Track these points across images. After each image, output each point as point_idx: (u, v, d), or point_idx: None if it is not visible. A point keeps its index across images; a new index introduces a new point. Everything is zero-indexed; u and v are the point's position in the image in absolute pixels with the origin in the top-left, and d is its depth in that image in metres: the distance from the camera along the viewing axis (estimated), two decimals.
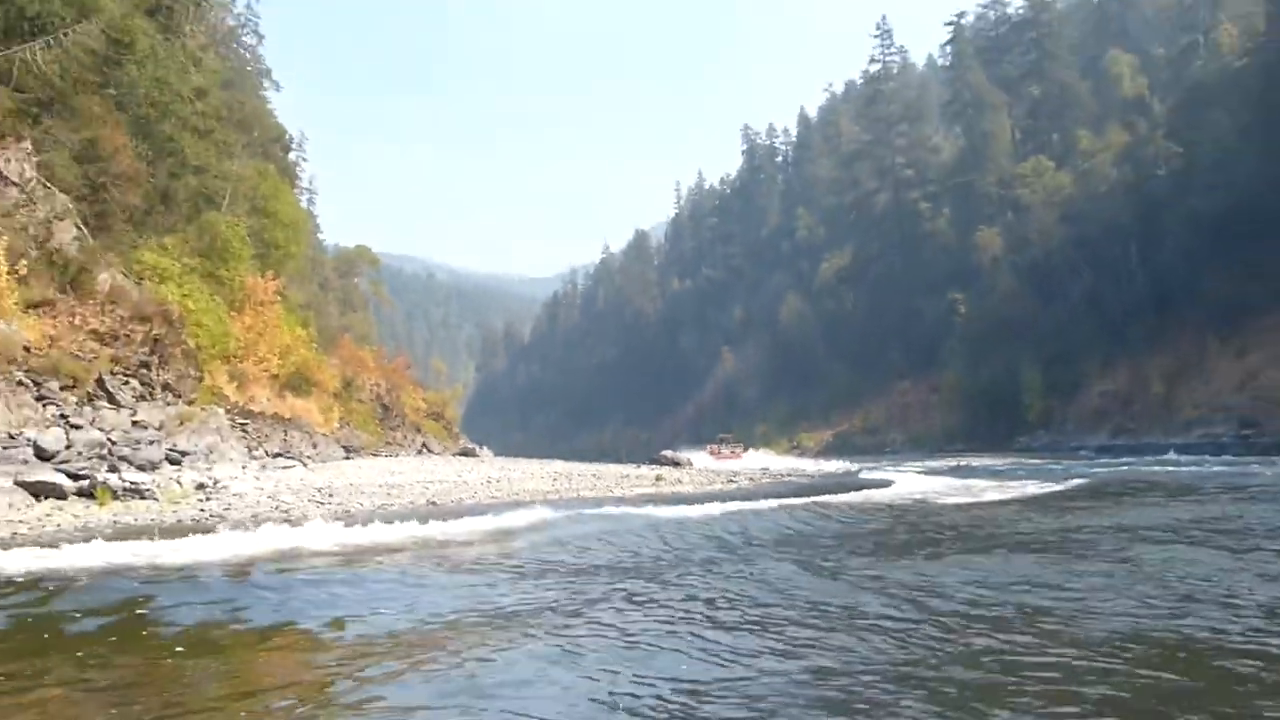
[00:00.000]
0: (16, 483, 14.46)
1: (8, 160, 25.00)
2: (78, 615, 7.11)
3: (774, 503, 18.37)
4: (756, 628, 7.15)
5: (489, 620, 7.56)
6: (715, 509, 16.83)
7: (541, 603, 8.34)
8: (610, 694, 5.28)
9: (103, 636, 6.68)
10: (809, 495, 21.07)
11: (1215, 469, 30.25)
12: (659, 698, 5.22)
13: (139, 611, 7.44)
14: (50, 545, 10.20)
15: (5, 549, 9.97)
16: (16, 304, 21.42)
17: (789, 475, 33.47)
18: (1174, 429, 53.12)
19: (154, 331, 25.31)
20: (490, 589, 9.17)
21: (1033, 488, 23.17)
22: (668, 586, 8.87)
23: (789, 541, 12.48)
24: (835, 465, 46.14)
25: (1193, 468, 31.69)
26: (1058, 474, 30.31)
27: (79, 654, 6.13)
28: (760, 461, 51.96)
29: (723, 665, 5.97)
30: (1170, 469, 32.20)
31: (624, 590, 8.63)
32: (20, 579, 8.30)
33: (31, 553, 9.66)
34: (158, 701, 5.20)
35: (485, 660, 6.03)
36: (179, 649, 6.36)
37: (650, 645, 6.49)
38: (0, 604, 7.36)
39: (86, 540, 10.62)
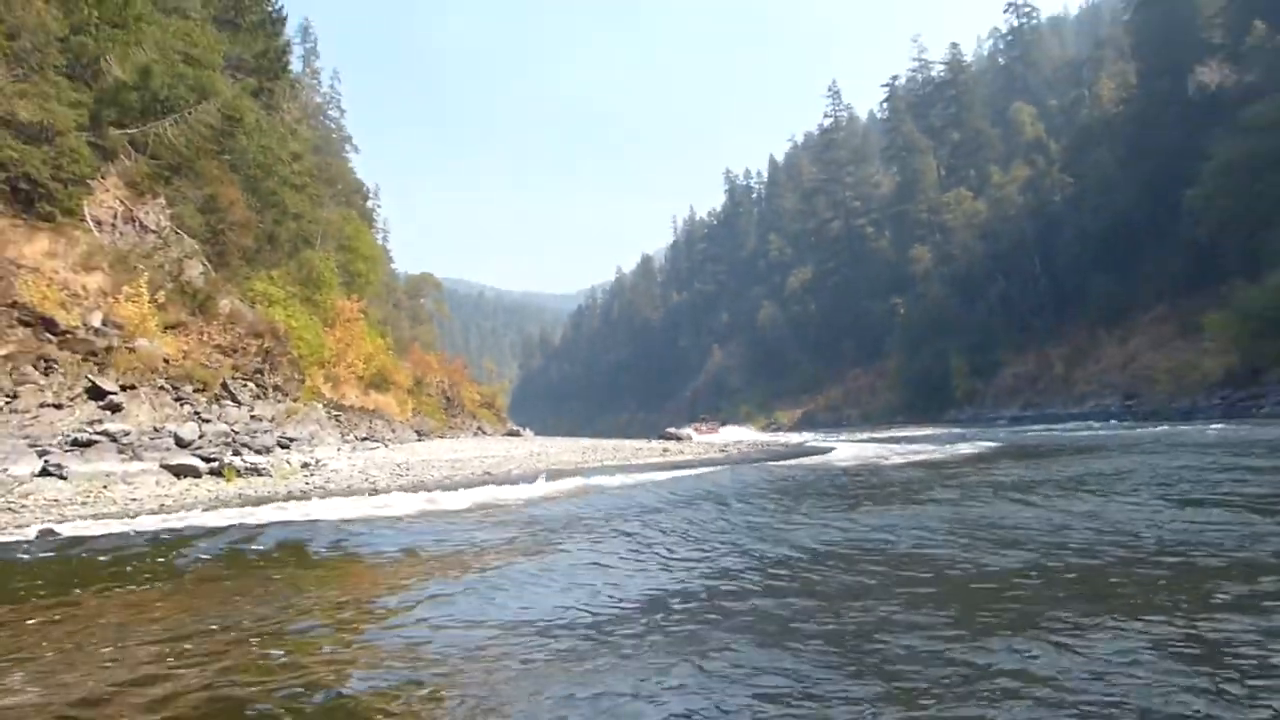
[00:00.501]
0: (162, 466, 14.65)
1: (147, 212, 25.18)
2: (252, 547, 8.26)
3: (747, 467, 19.08)
4: (711, 542, 8.13)
5: (528, 541, 8.49)
6: (705, 471, 17.85)
7: (560, 529, 9.30)
8: (592, 583, 6.22)
9: (266, 559, 7.83)
10: (772, 460, 22.27)
11: (1102, 431, 30.35)
12: (627, 577, 6.43)
13: (285, 544, 8.49)
14: (210, 508, 11.34)
15: (187, 510, 11.29)
16: (157, 325, 21.55)
17: (760, 445, 33.50)
18: (1071, 401, 53.11)
19: (265, 344, 25.45)
20: (530, 524, 9.92)
21: (924, 454, 23.15)
22: (660, 523, 9.41)
23: (750, 492, 13.10)
24: (796, 437, 46.25)
25: (1085, 431, 31.75)
26: (962, 437, 30.67)
27: (258, 565, 7.48)
28: (736, 435, 51.88)
29: (686, 567, 6.88)
30: (1061, 432, 32.43)
31: (628, 527, 9.17)
32: (210, 528, 9.41)
33: (203, 514, 10.67)
34: (297, 590, 6.47)
35: (510, 566, 7.02)
36: (307, 566, 7.68)
37: (632, 555, 7.42)
38: (207, 542, 8.44)
39: (241, 505, 11.77)
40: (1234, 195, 41.14)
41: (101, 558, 7.72)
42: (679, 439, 37.73)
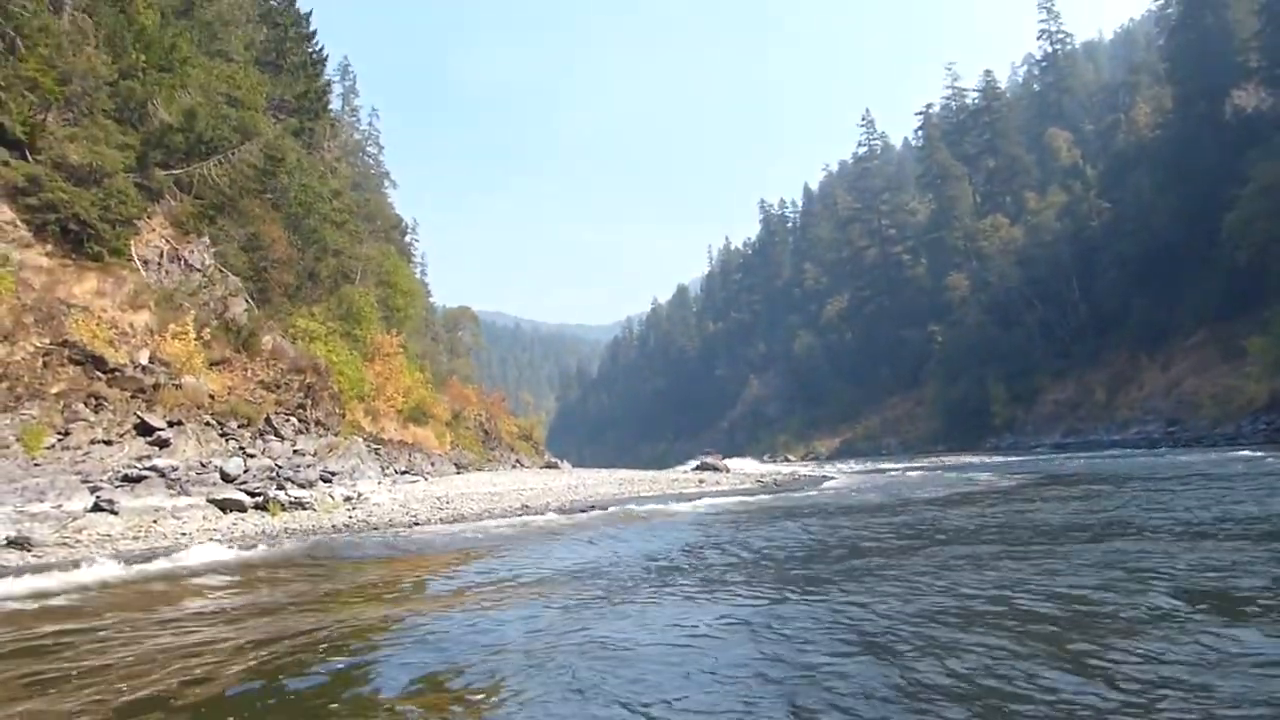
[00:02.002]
0: (209, 500, 14.95)
1: (192, 251, 25.74)
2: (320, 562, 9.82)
3: (766, 497, 20.91)
4: (721, 550, 9.18)
5: (558, 570, 8.60)
6: (729, 500, 19.76)
7: (589, 542, 10.67)
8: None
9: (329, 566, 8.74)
10: (783, 491, 23.55)
11: (1139, 459, 30.04)
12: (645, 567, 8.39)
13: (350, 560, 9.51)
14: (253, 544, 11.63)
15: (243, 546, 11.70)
16: (203, 362, 21.99)
17: (776, 476, 33.04)
18: (1114, 428, 52.46)
19: (307, 380, 25.82)
20: (555, 542, 11.41)
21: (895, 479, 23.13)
22: (679, 539, 11.57)
23: (761, 512, 15.17)
24: (804, 468, 45.47)
25: (1126, 458, 31.43)
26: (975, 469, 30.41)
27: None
28: (744, 467, 50.75)
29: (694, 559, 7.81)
30: (1098, 459, 32.07)
31: (642, 545, 11.08)
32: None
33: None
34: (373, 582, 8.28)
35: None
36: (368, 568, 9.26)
37: (659, 556, 9.27)
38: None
39: (290, 536, 12.75)
40: (1273, 218, 40.75)
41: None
42: (716, 469, 37.68)
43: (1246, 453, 26.66)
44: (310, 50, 40.52)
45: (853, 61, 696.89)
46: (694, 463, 47.88)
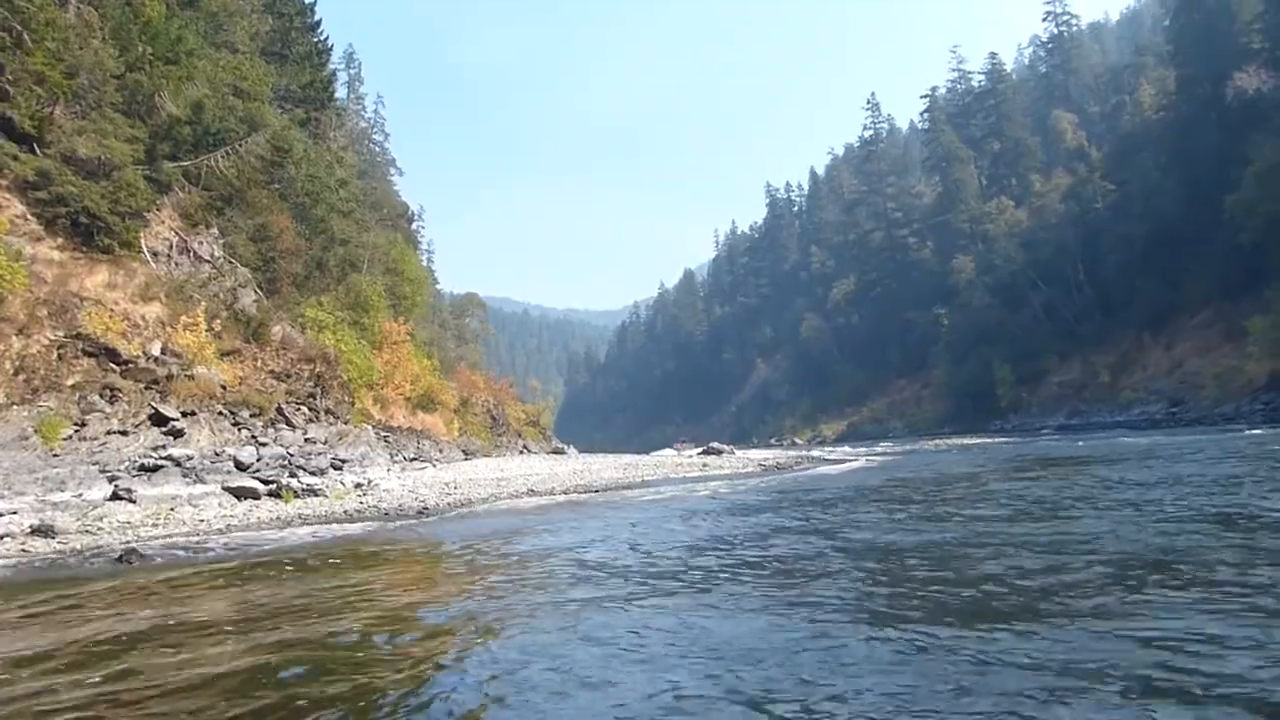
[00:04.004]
0: (224, 488, 15.30)
1: (201, 243, 26.05)
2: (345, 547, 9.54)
3: (755, 480, 21.38)
4: (714, 521, 9.56)
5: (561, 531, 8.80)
6: (723, 484, 20.21)
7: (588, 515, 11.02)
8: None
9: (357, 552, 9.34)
10: (782, 473, 24.13)
11: (1128, 440, 30.26)
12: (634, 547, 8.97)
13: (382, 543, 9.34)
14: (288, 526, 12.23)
15: (274, 528, 12.47)
16: (214, 353, 22.32)
17: (778, 460, 33.24)
18: (1118, 409, 52.62)
19: (317, 369, 26.14)
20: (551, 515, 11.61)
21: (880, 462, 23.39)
22: (675, 513, 12.58)
23: (751, 490, 15.80)
24: (789, 454, 45.33)
25: (1107, 441, 31.65)
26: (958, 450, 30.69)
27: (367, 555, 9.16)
28: (748, 455, 50.74)
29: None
30: (1099, 441, 32.30)
31: (636, 518, 12.07)
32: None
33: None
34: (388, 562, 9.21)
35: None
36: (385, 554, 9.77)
37: (646, 527, 9.99)
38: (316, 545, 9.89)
39: (313, 522, 13.29)
40: (1275, 199, 40.82)
41: None
42: (720, 453, 37.97)
43: (1215, 435, 27.23)
44: (315, 40, 40.73)
45: (858, 45, 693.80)
46: (668, 451, 48.29)
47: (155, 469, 15.70)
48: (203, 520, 12.63)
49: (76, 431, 16.32)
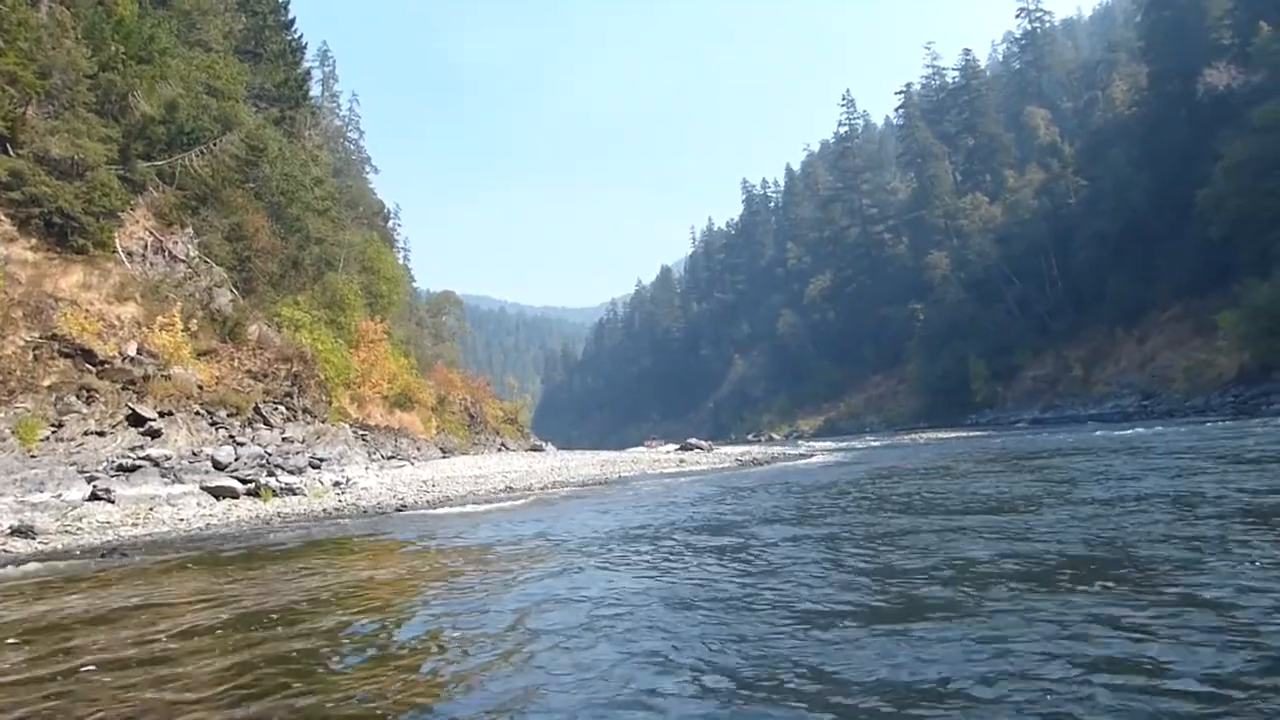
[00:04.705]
0: (202, 488, 15.37)
1: (176, 243, 26.02)
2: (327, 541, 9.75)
3: (731, 475, 21.65)
4: (683, 512, 9.32)
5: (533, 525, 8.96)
6: (700, 479, 19.99)
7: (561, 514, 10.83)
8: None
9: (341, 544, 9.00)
10: (747, 469, 24.44)
11: (1098, 433, 30.68)
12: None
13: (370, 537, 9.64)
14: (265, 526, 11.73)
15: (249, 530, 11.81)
16: (190, 353, 22.32)
17: (755, 455, 33.68)
18: (1090, 402, 53.28)
19: (294, 368, 26.13)
20: (530, 511, 11.27)
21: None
22: (644, 507, 12.21)
23: (720, 484, 15.58)
24: (766, 450, 45.56)
25: (1103, 431, 32.11)
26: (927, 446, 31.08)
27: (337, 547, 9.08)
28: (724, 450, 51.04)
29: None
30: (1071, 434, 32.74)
31: (604, 507, 12.23)
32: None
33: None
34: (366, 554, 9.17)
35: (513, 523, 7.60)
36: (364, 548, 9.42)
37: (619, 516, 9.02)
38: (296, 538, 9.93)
39: (293, 520, 13.44)
40: (1244, 195, 41.45)
41: None
42: (698, 449, 38.23)
43: (1167, 427, 27.72)
44: (289, 38, 40.65)
45: (835, 40, 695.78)
46: (639, 449, 48.57)
47: (133, 469, 15.75)
48: (182, 519, 12.73)
49: (54, 432, 16.35)
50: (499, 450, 45.90)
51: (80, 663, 5.01)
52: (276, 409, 23.64)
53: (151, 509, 13.32)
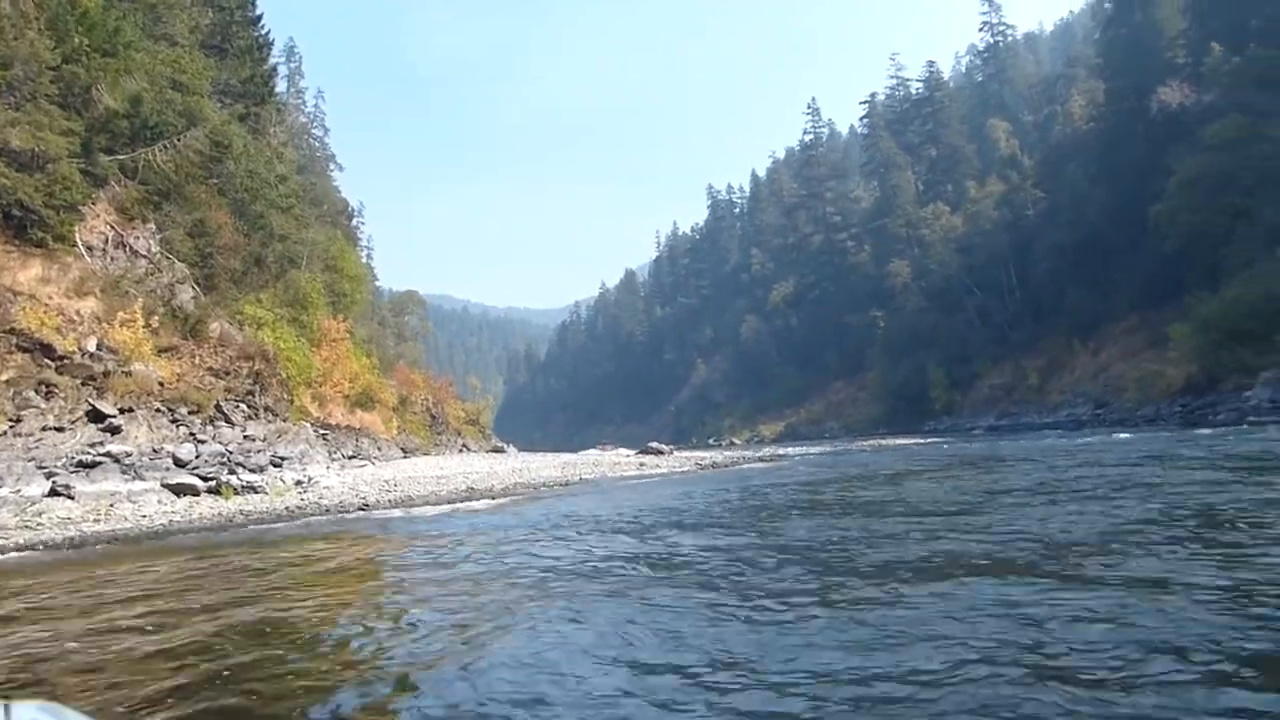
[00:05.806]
0: (163, 485, 15.35)
1: (137, 238, 25.83)
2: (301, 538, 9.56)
3: (691, 478, 21.49)
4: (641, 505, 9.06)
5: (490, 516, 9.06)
6: (660, 482, 20.36)
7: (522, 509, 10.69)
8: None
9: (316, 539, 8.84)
10: (706, 473, 24.41)
11: (1047, 441, 31.29)
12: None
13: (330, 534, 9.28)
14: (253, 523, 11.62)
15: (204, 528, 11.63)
16: (152, 350, 22.18)
17: (714, 460, 33.99)
18: (1046, 411, 54.20)
19: (255, 366, 26.02)
20: (494, 513, 11.22)
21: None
22: (607, 502, 12.55)
23: (677, 487, 15.25)
24: (726, 454, 45.89)
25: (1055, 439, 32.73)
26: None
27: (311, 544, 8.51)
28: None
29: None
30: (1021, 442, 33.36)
31: (567, 509, 12.24)
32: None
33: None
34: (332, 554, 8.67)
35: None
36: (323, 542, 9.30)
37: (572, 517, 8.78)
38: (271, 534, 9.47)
39: (255, 518, 13.41)
40: (1196, 211, 42.48)
41: None
42: (660, 453, 38.43)
43: (1125, 434, 28.91)
44: (256, 34, 40.37)
45: (806, 36, 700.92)
46: (592, 451, 48.65)
47: (94, 465, 15.67)
48: (145, 516, 12.74)
49: (12, 428, 16.22)
50: (460, 451, 45.83)
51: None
52: (238, 407, 23.54)
53: (112, 505, 13.31)
